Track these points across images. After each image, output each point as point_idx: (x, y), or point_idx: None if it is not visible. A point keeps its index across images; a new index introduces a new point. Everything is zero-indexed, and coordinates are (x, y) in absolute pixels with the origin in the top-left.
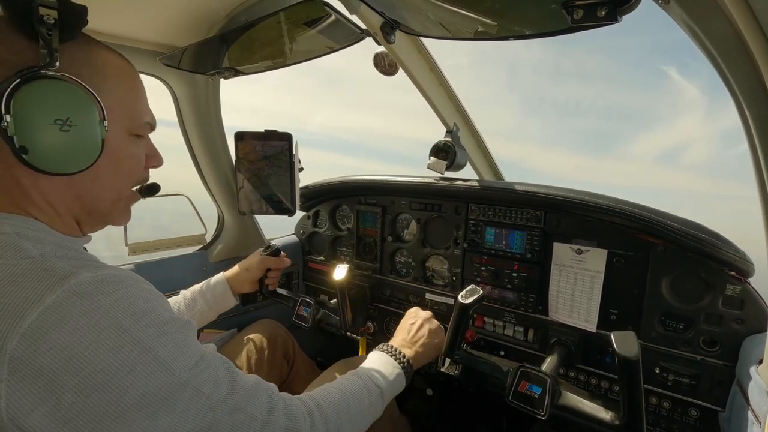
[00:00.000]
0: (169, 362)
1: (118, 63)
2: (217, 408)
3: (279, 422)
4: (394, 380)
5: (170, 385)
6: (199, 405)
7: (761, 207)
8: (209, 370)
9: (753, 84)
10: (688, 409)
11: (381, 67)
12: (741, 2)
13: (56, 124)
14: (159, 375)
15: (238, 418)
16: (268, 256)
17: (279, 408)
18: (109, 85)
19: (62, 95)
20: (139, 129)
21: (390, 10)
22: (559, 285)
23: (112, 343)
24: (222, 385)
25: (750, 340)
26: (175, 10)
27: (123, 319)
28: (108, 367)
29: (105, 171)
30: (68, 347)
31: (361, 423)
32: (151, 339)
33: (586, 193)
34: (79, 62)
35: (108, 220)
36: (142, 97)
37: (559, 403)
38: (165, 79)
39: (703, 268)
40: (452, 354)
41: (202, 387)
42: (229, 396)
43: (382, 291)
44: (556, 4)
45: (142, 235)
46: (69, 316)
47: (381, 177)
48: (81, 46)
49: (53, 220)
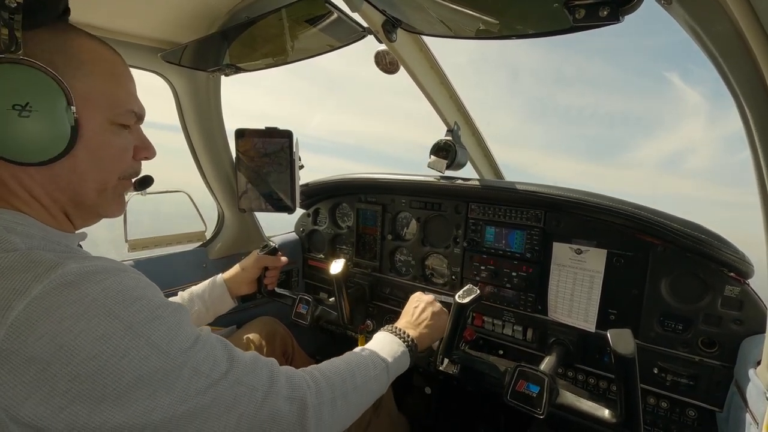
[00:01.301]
0: (163, 345)
1: (96, 49)
2: (218, 384)
3: (282, 392)
4: (399, 357)
5: (166, 367)
6: (199, 383)
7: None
8: (206, 349)
9: (754, 84)
10: (686, 410)
11: (382, 65)
12: (743, 3)
13: (14, 109)
14: (154, 358)
15: (239, 391)
16: (265, 255)
17: (281, 378)
18: (83, 71)
19: (20, 80)
20: (121, 118)
21: (392, 8)
22: (559, 285)
23: (102, 330)
24: (220, 363)
25: (748, 341)
26: (177, 7)
27: (112, 306)
28: (100, 354)
29: (84, 161)
30: (57, 336)
31: (366, 394)
32: (142, 324)
33: (586, 193)
34: (51, 49)
35: (98, 211)
36: (125, 85)
37: (557, 402)
38: (166, 76)
39: (703, 268)
40: (450, 354)
41: (200, 366)
42: (228, 372)
43: (381, 289)
44: (558, 4)
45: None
46: (56, 306)
47: (381, 175)
48: (57, 33)
49: (40, 213)
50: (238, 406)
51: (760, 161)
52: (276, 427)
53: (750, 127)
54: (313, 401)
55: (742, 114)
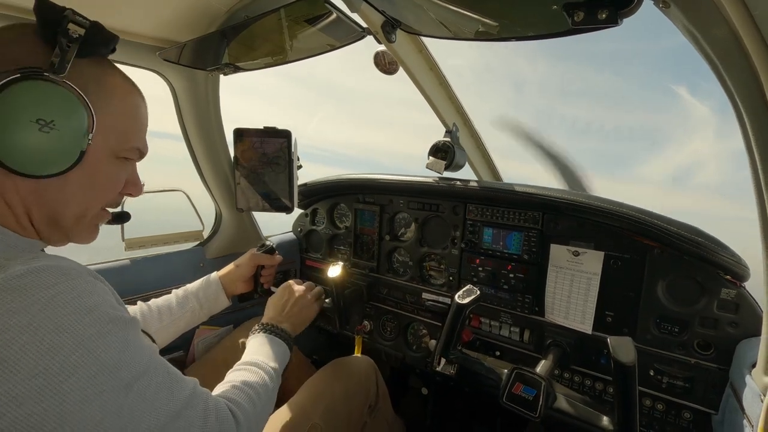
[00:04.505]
0: (113, 364)
1: (128, 89)
2: (159, 412)
3: (213, 426)
4: (283, 354)
5: (114, 388)
6: (143, 408)
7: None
8: (150, 373)
9: (752, 88)
10: (682, 412)
11: (381, 66)
12: (741, 8)
13: (37, 123)
14: (102, 377)
15: (178, 425)
16: (260, 253)
17: (212, 413)
18: (111, 106)
19: (54, 98)
20: (125, 152)
21: (391, 9)
22: (556, 286)
23: (49, 343)
24: (162, 390)
25: (744, 344)
26: (176, 6)
27: (63, 318)
28: (46, 370)
29: (74, 184)
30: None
31: (270, 407)
32: (93, 339)
33: (583, 195)
34: (88, 77)
35: (70, 235)
36: (140, 125)
37: (554, 406)
38: (164, 74)
39: (699, 271)
40: (447, 354)
41: (145, 391)
42: (169, 401)
43: (378, 290)
44: (557, 6)
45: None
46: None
47: (379, 176)
48: (97, 65)
49: (7, 219)
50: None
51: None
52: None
53: (747, 131)
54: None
55: (739, 117)
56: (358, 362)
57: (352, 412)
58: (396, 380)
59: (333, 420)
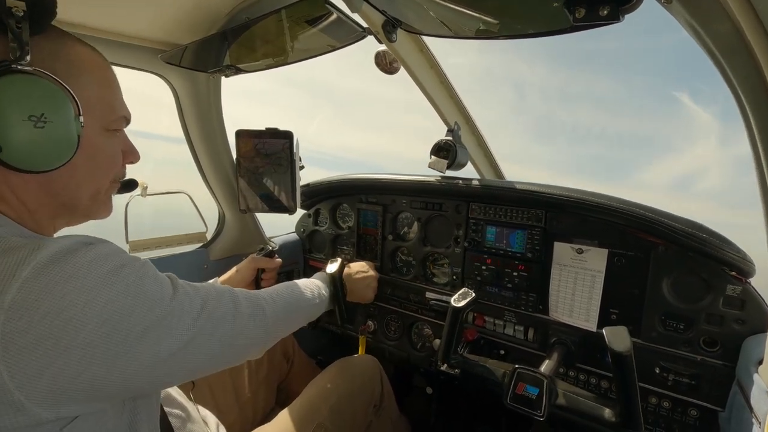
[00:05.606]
0: (158, 295)
1: (91, 57)
2: (199, 317)
3: (245, 310)
4: (318, 290)
5: (164, 313)
6: (188, 320)
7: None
8: (181, 290)
9: (755, 82)
10: (688, 409)
11: (382, 66)
12: (744, 2)
13: (30, 120)
14: (155, 308)
15: (216, 316)
16: (259, 256)
17: (241, 299)
18: (84, 80)
19: (36, 91)
20: (114, 124)
21: (392, 9)
22: (560, 284)
23: (104, 297)
24: (195, 300)
25: (750, 341)
26: (177, 8)
27: (105, 274)
28: (109, 318)
29: (82, 168)
30: (63, 311)
31: (303, 306)
32: (137, 283)
33: (587, 193)
34: (51, 56)
35: (88, 214)
36: (117, 91)
37: (557, 403)
38: (166, 77)
39: (704, 268)
40: (449, 358)
41: (183, 306)
42: (204, 306)
43: (382, 289)
44: (558, 3)
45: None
46: (54, 283)
47: (382, 175)
48: (52, 39)
49: (22, 217)
50: (217, 331)
51: (760, 158)
52: (244, 341)
53: (750, 125)
54: (270, 311)
55: (742, 112)
56: (363, 362)
57: (357, 411)
58: (400, 379)
59: (338, 419)
